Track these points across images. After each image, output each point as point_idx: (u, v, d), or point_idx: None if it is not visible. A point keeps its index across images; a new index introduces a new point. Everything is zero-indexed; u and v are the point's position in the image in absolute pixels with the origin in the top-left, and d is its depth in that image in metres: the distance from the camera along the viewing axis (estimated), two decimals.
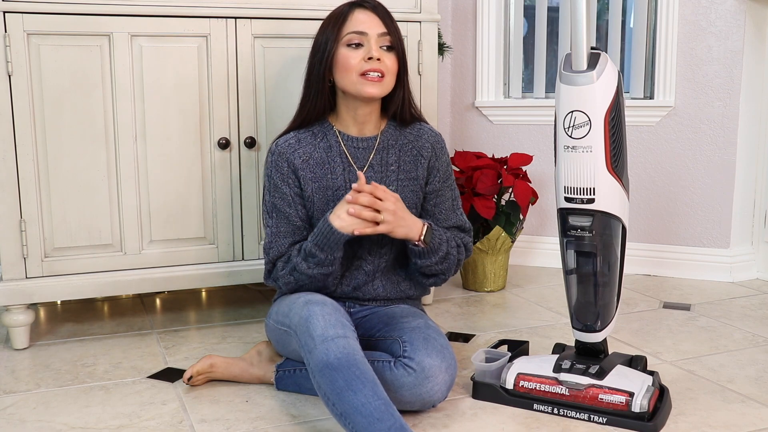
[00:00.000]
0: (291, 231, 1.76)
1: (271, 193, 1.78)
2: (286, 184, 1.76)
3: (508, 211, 2.62)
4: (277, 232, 1.76)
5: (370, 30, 1.71)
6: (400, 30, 1.77)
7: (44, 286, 2.04)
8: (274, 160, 1.78)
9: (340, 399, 1.43)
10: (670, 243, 2.86)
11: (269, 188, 1.79)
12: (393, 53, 1.73)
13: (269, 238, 1.77)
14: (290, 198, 1.76)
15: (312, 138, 1.79)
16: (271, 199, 1.78)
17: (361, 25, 1.71)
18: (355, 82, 1.71)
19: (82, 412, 1.68)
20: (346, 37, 1.72)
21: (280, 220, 1.77)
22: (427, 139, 1.84)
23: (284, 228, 1.76)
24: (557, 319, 2.34)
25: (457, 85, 3.15)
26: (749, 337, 2.16)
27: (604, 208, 1.58)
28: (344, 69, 1.71)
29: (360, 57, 1.70)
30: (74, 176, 2.03)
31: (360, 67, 1.70)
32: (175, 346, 2.10)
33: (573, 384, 1.63)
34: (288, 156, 1.76)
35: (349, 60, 1.71)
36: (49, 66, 1.97)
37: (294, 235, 1.76)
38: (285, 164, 1.76)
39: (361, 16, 1.73)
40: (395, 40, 1.74)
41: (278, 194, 1.77)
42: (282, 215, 1.76)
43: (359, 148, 1.79)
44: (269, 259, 1.77)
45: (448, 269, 1.79)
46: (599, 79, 1.51)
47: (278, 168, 1.77)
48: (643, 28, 2.81)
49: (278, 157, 1.77)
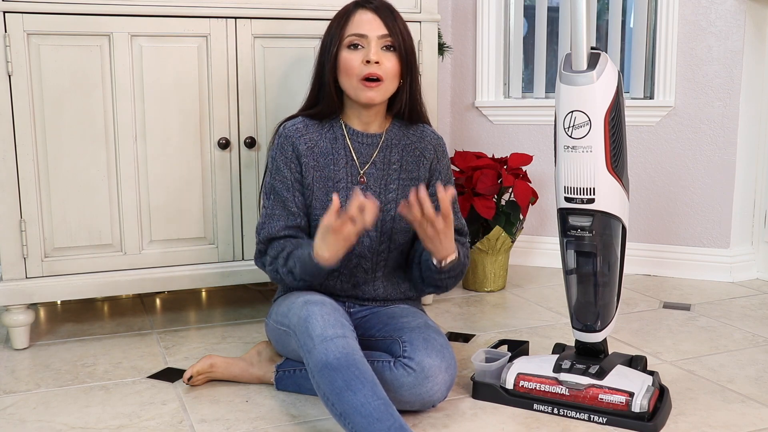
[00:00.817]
0: (285, 215, 1.75)
1: (272, 174, 1.77)
2: (287, 168, 1.76)
3: (508, 211, 2.62)
4: (272, 213, 1.75)
5: (370, 32, 1.71)
6: (406, 29, 1.75)
7: (44, 286, 2.04)
8: (280, 142, 1.77)
9: (339, 399, 1.43)
10: (670, 243, 2.86)
11: (271, 170, 1.78)
12: (394, 54, 1.73)
13: (262, 219, 1.77)
14: (290, 182, 1.76)
15: (319, 126, 1.79)
16: (271, 180, 1.77)
17: (361, 27, 1.71)
18: (355, 87, 1.71)
19: (82, 412, 1.68)
20: (347, 39, 1.72)
21: (276, 202, 1.76)
22: (429, 141, 1.84)
23: (279, 211, 1.75)
24: (557, 319, 2.34)
25: (457, 85, 3.15)
26: (749, 337, 2.16)
27: (604, 208, 1.58)
28: (345, 72, 1.72)
29: (359, 60, 1.70)
30: (74, 176, 2.03)
31: (360, 71, 1.69)
32: (175, 346, 2.10)
33: (573, 384, 1.63)
34: (294, 140, 1.76)
35: (348, 63, 1.71)
36: (49, 66, 1.97)
37: (287, 219, 1.75)
38: (290, 148, 1.76)
39: (363, 17, 1.72)
40: (397, 40, 1.72)
41: (279, 177, 1.76)
42: (279, 198, 1.76)
43: (364, 143, 1.79)
44: (259, 239, 1.77)
45: (452, 284, 1.79)
46: (599, 79, 1.51)
47: (283, 151, 1.76)
48: (643, 28, 2.81)
49: (284, 140, 1.77)
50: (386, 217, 1.77)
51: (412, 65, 1.77)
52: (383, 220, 1.77)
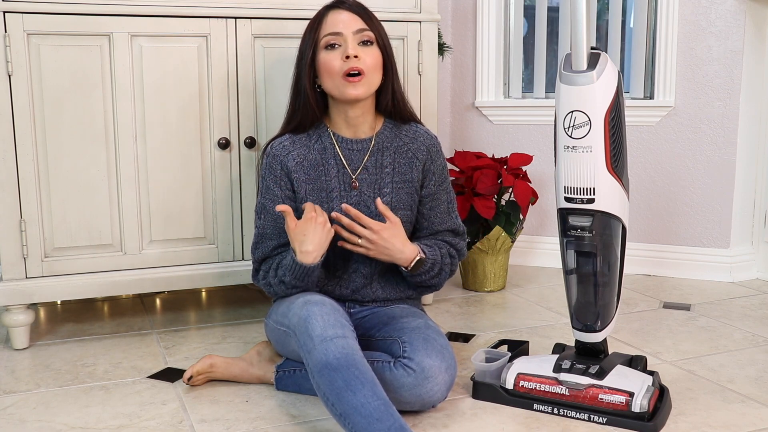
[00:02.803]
0: (276, 233, 1.76)
1: (263, 194, 1.79)
2: (277, 186, 1.77)
3: (508, 211, 2.62)
4: (263, 233, 1.78)
5: (345, 29, 1.71)
6: (381, 25, 1.77)
7: (44, 286, 2.04)
8: (268, 162, 1.78)
9: (339, 399, 1.43)
10: (670, 243, 2.86)
11: (262, 189, 1.80)
12: (373, 47, 1.73)
13: (255, 239, 1.79)
14: (280, 200, 1.76)
15: (307, 139, 1.79)
16: (262, 200, 1.79)
17: (335, 26, 1.72)
18: (338, 85, 1.72)
19: (82, 412, 1.68)
20: (323, 39, 1.73)
21: (267, 221, 1.77)
22: (422, 142, 1.83)
23: (270, 230, 1.77)
24: (557, 319, 2.34)
25: (457, 85, 3.15)
26: (749, 337, 2.16)
27: (604, 208, 1.58)
28: (327, 73, 1.72)
29: (339, 57, 1.71)
30: (74, 176, 2.03)
31: (340, 68, 1.70)
32: (175, 346, 2.10)
33: (573, 384, 1.63)
34: (281, 158, 1.77)
35: (328, 63, 1.71)
36: (49, 66, 1.97)
37: (279, 237, 1.76)
38: (278, 167, 1.77)
39: (336, 16, 1.73)
40: (374, 34, 1.73)
41: (269, 195, 1.77)
42: (269, 217, 1.77)
43: (354, 150, 1.79)
44: (254, 259, 1.80)
45: (439, 283, 1.82)
46: (599, 79, 1.51)
47: (271, 170, 1.77)
48: (643, 28, 2.81)
49: (272, 159, 1.78)
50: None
51: (392, 59, 1.78)
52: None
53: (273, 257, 1.76)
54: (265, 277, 1.76)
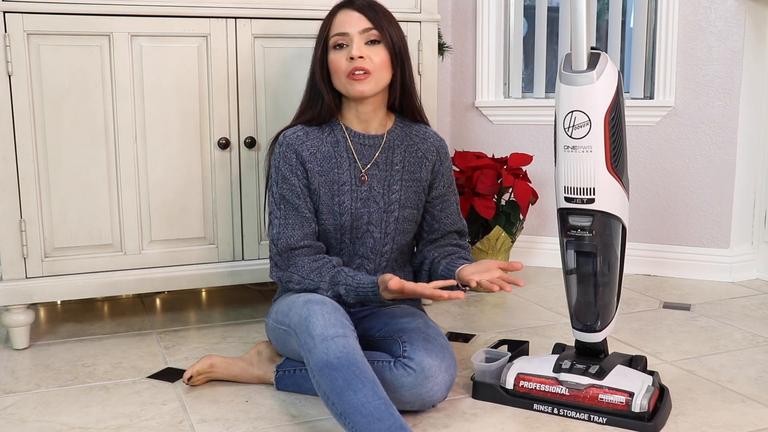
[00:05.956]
0: (300, 223, 1.75)
1: (278, 184, 1.77)
2: (294, 175, 1.76)
3: (508, 211, 2.62)
4: (286, 223, 1.75)
5: (351, 29, 1.72)
6: (391, 22, 1.75)
7: (44, 286, 2.04)
8: (282, 151, 1.77)
9: (339, 398, 1.43)
10: (670, 243, 2.86)
11: (276, 180, 1.77)
12: (380, 46, 1.73)
13: (277, 229, 1.75)
14: (299, 189, 1.75)
15: (319, 132, 1.79)
16: (279, 190, 1.76)
17: (342, 26, 1.73)
18: (344, 84, 1.73)
19: (82, 412, 1.68)
20: (332, 39, 1.74)
21: (288, 211, 1.75)
22: (432, 143, 1.85)
23: (293, 219, 1.75)
24: (557, 319, 2.34)
25: (457, 85, 3.15)
26: (749, 337, 2.16)
27: (604, 208, 1.58)
28: (335, 73, 1.74)
29: (344, 58, 1.71)
30: (74, 176, 2.03)
31: (346, 69, 1.71)
32: (175, 346, 2.10)
33: (573, 384, 1.63)
34: (296, 147, 1.76)
35: (335, 63, 1.73)
36: (49, 66, 1.97)
37: (303, 227, 1.74)
38: (293, 155, 1.76)
39: (343, 17, 1.74)
40: (381, 32, 1.73)
41: (287, 185, 1.76)
42: (291, 206, 1.75)
43: (365, 145, 1.80)
44: (277, 251, 1.75)
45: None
46: (599, 79, 1.51)
47: (286, 159, 1.76)
48: (643, 28, 2.81)
49: (286, 148, 1.77)
50: (389, 218, 1.78)
51: (403, 56, 1.77)
52: (386, 221, 1.78)
53: (299, 249, 1.73)
54: (302, 283, 1.71)
